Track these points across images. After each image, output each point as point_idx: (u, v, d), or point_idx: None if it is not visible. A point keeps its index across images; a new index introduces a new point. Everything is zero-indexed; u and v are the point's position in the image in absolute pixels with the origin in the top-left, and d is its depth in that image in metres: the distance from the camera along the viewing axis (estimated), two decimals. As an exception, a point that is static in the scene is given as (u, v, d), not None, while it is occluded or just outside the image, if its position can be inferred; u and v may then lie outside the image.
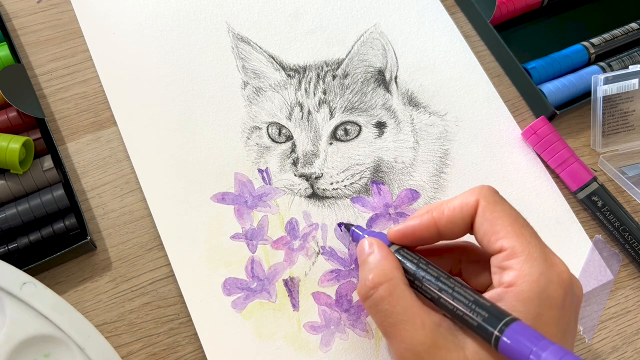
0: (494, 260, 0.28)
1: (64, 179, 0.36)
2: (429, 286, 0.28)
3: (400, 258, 0.29)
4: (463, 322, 0.26)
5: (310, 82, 0.40)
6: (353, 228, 0.34)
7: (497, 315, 0.25)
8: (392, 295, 0.27)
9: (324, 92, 0.40)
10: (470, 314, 0.26)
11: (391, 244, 0.30)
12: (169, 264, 0.35)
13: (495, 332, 0.24)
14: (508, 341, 0.24)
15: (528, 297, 0.25)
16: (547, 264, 0.26)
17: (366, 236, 0.31)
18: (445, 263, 0.32)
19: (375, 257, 0.29)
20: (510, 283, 0.26)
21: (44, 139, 0.36)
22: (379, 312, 0.28)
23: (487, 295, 0.27)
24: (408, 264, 0.29)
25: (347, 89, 0.40)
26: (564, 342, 0.26)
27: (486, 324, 0.25)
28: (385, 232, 0.31)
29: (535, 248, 0.27)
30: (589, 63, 0.43)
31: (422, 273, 0.28)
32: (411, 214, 0.38)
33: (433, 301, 0.28)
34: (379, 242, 0.30)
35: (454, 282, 0.27)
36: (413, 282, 0.28)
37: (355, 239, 0.34)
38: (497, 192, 0.29)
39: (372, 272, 0.28)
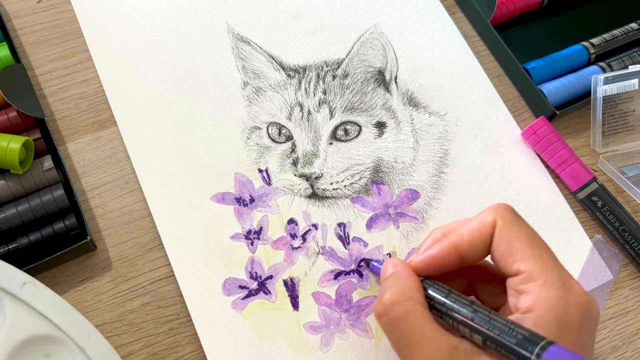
0: (510, 283, 0.27)
1: (64, 179, 0.36)
2: (458, 315, 0.27)
3: (426, 286, 0.29)
4: (500, 345, 0.25)
5: (310, 82, 0.40)
6: (374, 263, 0.34)
7: (532, 339, 0.24)
8: (410, 315, 0.26)
9: (324, 92, 0.40)
10: (507, 339, 0.25)
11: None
12: (169, 264, 0.35)
13: (533, 357, 0.24)
14: None
15: (547, 323, 0.25)
16: (564, 288, 0.26)
17: (391, 258, 0.31)
18: (459, 285, 0.31)
19: (396, 275, 0.29)
20: (528, 308, 0.26)
21: (44, 139, 0.36)
22: (394, 331, 0.27)
23: None
24: (436, 292, 0.28)
25: (347, 89, 0.40)
26: None
27: (521, 349, 0.24)
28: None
29: (553, 272, 0.26)
30: (589, 63, 0.43)
31: (453, 302, 0.27)
32: (412, 215, 0.38)
33: (464, 326, 0.27)
34: (403, 263, 0.30)
35: (487, 310, 0.27)
36: (442, 310, 0.28)
37: (376, 273, 0.34)
38: (514, 211, 0.29)
39: (391, 290, 0.28)
